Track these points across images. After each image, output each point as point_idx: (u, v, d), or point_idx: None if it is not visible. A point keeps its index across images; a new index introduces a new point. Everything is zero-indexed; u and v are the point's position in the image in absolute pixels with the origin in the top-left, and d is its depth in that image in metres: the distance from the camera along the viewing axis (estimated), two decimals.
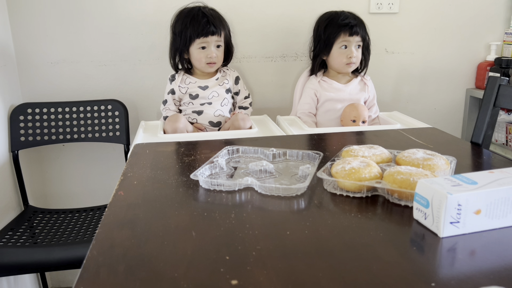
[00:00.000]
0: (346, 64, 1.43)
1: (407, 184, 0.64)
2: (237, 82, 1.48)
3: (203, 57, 1.37)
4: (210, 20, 1.36)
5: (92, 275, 0.49)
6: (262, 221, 0.61)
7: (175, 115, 1.33)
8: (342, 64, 1.43)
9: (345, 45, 1.41)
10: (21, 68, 1.50)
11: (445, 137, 1.06)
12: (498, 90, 0.94)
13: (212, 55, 1.37)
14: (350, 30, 1.40)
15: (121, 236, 0.57)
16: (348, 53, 1.41)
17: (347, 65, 1.43)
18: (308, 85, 1.50)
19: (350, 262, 0.50)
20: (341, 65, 1.43)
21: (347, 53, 1.41)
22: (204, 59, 1.37)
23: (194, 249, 0.54)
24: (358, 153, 0.80)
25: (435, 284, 0.46)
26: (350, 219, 0.61)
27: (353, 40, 1.41)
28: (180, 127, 1.27)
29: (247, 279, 0.47)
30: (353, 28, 1.40)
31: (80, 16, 1.49)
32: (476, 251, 0.53)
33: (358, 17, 1.44)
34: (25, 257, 1.13)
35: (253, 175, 0.79)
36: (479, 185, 0.57)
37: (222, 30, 1.40)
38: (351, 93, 1.46)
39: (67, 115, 1.49)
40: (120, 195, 0.71)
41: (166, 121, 1.31)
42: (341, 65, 1.43)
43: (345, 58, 1.41)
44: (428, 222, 0.58)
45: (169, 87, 1.43)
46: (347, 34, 1.40)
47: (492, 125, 0.96)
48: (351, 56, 1.41)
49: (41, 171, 1.60)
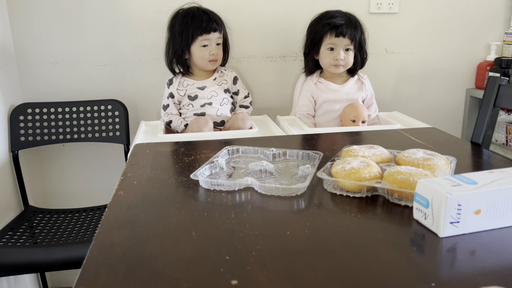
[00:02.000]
0: (333, 66, 1.41)
1: (407, 184, 0.64)
2: (235, 82, 1.48)
3: (206, 54, 1.38)
4: (211, 17, 1.38)
5: (92, 275, 0.49)
6: (262, 221, 0.61)
7: (204, 118, 1.33)
8: (329, 65, 1.42)
9: (331, 47, 1.40)
10: (21, 68, 1.50)
11: (445, 137, 1.06)
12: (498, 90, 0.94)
13: (215, 51, 1.38)
14: (335, 31, 1.38)
15: (121, 236, 0.57)
16: (334, 55, 1.39)
17: (334, 66, 1.41)
18: (305, 87, 1.49)
19: (350, 262, 0.50)
20: (329, 66, 1.42)
21: (334, 55, 1.39)
22: (207, 56, 1.38)
23: (194, 249, 0.54)
24: (358, 153, 0.80)
25: (435, 284, 0.46)
26: (350, 219, 0.61)
27: (339, 42, 1.38)
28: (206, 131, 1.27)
29: (247, 279, 0.47)
30: (338, 28, 1.37)
31: (80, 16, 1.49)
32: (476, 251, 0.53)
33: (350, 17, 1.40)
34: (25, 257, 1.13)
35: (253, 175, 0.79)
36: (479, 185, 0.57)
37: (222, 28, 1.41)
38: (348, 93, 1.45)
39: (67, 115, 1.49)
40: (120, 195, 0.71)
41: (193, 123, 1.30)
42: (329, 66, 1.42)
43: (332, 60, 1.40)
44: (428, 222, 0.58)
45: (167, 91, 1.43)
46: (333, 35, 1.38)
47: (492, 125, 0.96)
48: (337, 58, 1.39)
49: (41, 171, 1.60)
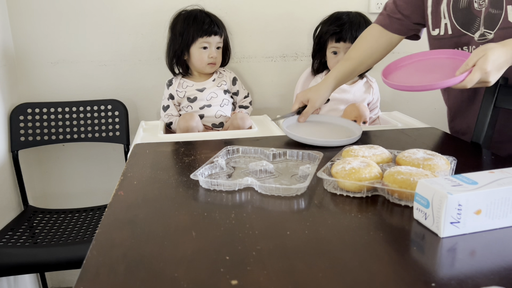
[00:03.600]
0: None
1: (408, 184, 0.64)
2: (234, 83, 1.48)
3: (205, 57, 1.38)
4: (213, 20, 1.39)
5: (92, 275, 0.49)
6: (262, 221, 0.61)
7: (189, 113, 1.34)
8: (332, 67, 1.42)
9: (334, 51, 1.41)
10: (21, 68, 1.50)
11: (445, 137, 1.06)
12: (498, 90, 0.94)
13: (214, 55, 1.39)
14: (336, 36, 1.39)
15: (121, 236, 0.57)
16: (338, 59, 1.40)
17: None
18: (313, 84, 1.50)
19: (350, 262, 0.50)
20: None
21: (338, 59, 1.40)
22: (206, 59, 1.38)
23: (194, 249, 0.54)
24: (358, 153, 0.80)
25: (435, 284, 0.46)
26: (350, 219, 0.61)
27: (342, 46, 1.39)
28: (193, 126, 1.28)
29: (247, 279, 0.47)
30: (338, 34, 1.39)
31: (80, 16, 1.49)
32: (476, 251, 0.53)
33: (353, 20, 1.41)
34: (25, 257, 1.13)
35: (253, 175, 0.79)
36: (480, 185, 0.57)
37: (223, 32, 1.42)
38: (356, 95, 1.45)
39: (67, 115, 1.49)
40: (120, 195, 0.71)
41: (180, 119, 1.31)
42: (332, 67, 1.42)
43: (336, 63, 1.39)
44: (428, 222, 0.58)
45: (167, 93, 1.44)
46: (333, 40, 1.40)
47: (492, 125, 0.96)
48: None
49: (41, 171, 1.60)
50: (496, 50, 0.79)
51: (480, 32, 0.92)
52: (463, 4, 0.93)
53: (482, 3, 0.90)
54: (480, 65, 0.78)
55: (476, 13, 0.92)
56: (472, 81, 0.80)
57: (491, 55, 0.78)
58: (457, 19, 0.95)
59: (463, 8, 0.94)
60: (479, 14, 0.91)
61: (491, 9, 0.89)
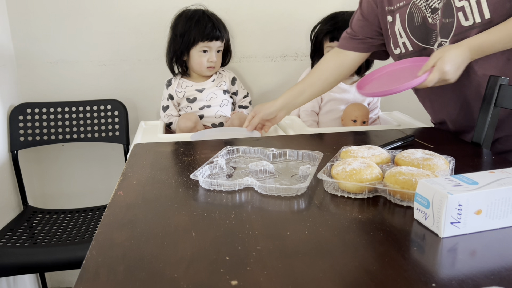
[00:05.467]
0: None
1: (410, 184, 0.64)
2: (234, 83, 1.48)
3: (204, 60, 1.38)
4: (216, 24, 1.37)
5: (92, 275, 0.49)
6: (262, 221, 0.61)
7: (189, 113, 1.34)
8: None
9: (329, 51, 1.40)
10: (20, 68, 1.50)
11: (445, 137, 1.06)
12: (498, 90, 0.94)
13: (214, 59, 1.38)
14: (329, 36, 1.39)
15: (121, 236, 0.57)
16: None
17: None
18: None
19: (350, 262, 0.50)
20: None
21: None
22: (205, 62, 1.38)
23: (194, 249, 0.54)
24: (357, 153, 0.79)
25: (435, 285, 0.46)
26: (351, 220, 0.61)
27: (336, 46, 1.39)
28: (193, 126, 1.28)
29: (247, 279, 0.47)
30: (331, 33, 1.38)
31: (80, 16, 1.49)
32: (477, 252, 0.53)
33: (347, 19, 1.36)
34: (25, 257, 1.13)
35: (253, 175, 0.79)
36: (480, 185, 0.57)
37: (225, 36, 1.41)
38: (356, 95, 1.45)
39: (66, 115, 1.49)
40: (120, 195, 0.71)
41: (180, 119, 1.31)
42: None
43: None
44: (429, 222, 0.58)
45: (166, 93, 1.43)
46: (328, 39, 1.40)
47: (493, 125, 0.96)
48: None
49: (41, 171, 1.60)
50: (452, 51, 0.86)
51: (438, 42, 0.98)
52: (418, 21, 0.99)
53: (436, 17, 0.95)
54: (439, 65, 0.85)
55: (432, 27, 0.97)
56: (432, 81, 0.87)
57: (447, 56, 0.85)
58: (415, 35, 1.01)
59: (419, 25, 0.99)
60: (434, 27, 0.97)
61: (444, 19, 0.94)
